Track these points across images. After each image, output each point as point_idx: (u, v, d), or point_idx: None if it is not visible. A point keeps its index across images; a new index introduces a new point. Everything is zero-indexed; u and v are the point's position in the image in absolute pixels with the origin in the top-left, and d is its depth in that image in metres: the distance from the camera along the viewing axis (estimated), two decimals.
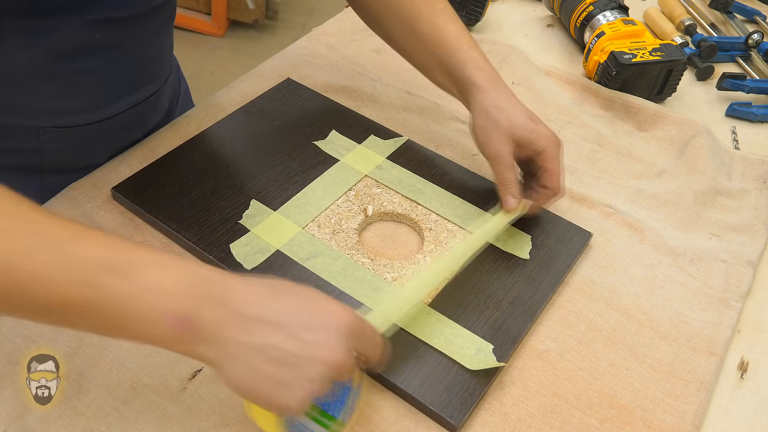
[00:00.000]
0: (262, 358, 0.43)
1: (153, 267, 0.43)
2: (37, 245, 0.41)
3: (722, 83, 0.94)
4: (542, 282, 0.66)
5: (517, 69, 0.95)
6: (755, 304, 0.70)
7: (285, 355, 0.43)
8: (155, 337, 0.42)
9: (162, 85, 0.78)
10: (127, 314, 0.41)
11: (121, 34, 0.65)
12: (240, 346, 0.43)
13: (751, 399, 0.62)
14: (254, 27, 2.56)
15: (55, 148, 0.69)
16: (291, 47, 0.96)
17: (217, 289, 0.44)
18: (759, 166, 0.85)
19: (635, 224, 0.75)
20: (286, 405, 0.43)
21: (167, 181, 0.71)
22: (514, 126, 0.67)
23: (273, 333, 0.43)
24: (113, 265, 0.42)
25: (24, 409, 0.54)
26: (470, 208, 0.72)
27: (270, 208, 0.69)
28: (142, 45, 0.70)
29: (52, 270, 0.41)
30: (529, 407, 0.58)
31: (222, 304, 0.43)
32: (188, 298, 0.42)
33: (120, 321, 0.42)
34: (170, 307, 0.42)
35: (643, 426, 0.58)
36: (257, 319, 0.43)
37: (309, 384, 0.43)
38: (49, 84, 0.64)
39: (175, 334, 0.42)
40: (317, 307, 0.46)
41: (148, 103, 0.76)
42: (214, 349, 0.43)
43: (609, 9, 0.96)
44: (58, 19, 0.59)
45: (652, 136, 0.87)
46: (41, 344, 0.57)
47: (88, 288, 0.41)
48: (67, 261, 0.41)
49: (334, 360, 0.44)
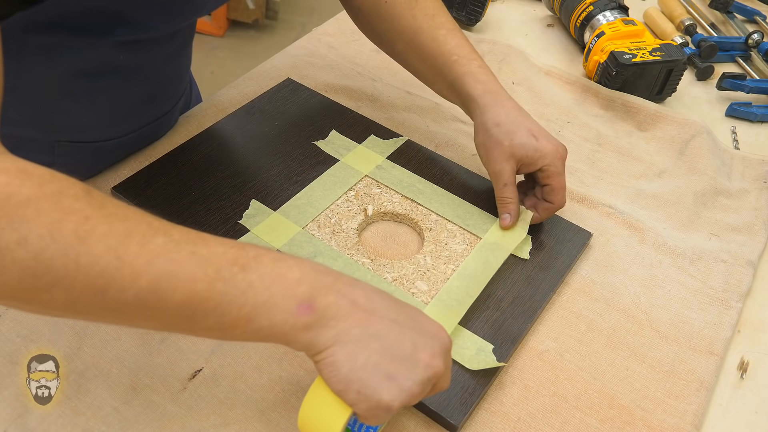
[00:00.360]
0: (374, 347, 0.44)
1: (276, 260, 0.44)
2: (166, 245, 0.41)
3: (722, 83, 0.94)
4: (542, 282, 0.66)
5: (517, 69, 0.95)
6: (755, 304, 0.70)
7: (396, 350, 0.45)
8: (277, 326, 0.43)
9: (177, 101, 0.78)
10: (255, 304, 0.43)
11: (143, 56, 0.65)
12: (356, 330, 0.44)
13: (751, 399, 0.62)
14: (254, 27, 2.56)
15: (67, 162, 0.69)
16: (291, 47, 0.96)
17: (337, 281, 0.46)
18: (759, 166, 0.85)
19: (635, 224, 0.75)
20: (386, 400, 0.44)
21: (167, 181, 0.71)
22: (515, 145, 0.66)
23: (387, 327, 0.45)
24: (242, 261, 0.43)
25: (24, 409, 0.54)
26: (470, 208, 0.72)
27: (270, 208, 0.69)
28: (163, 65, 0.70)
29: (188, 267, 0.41)
30: (529, 407, 0.58)
31: (342, 294, 0.45)
32: (312, 286, 0.44)
33: (247, 312, 0.43)
34: (297, 292, 0.43)
35: (643, 426, 0.58)
36: (374, 312, 0.45)
37: (411, 384, 0.44)
38: (68, 100, 0.64)
39: (298, 319, 0.43)
40: (426, 319, 0.48)
41: (163, 120, 0.76)
42: (330, 334, 0.44)
43: (609, 9, 0.96)
44: (83, 39, 0.59)
45: (652, 136, 0.87)
46: (41, 344, 0.57)
47: (222, 282, 0.42)
48: (200, 258, 0.42)
49: (437, 370, 0.46)
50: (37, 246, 0.38)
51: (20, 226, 0.38)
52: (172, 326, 0.44)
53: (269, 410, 0.56)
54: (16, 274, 0.38)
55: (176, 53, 0.72)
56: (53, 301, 0.40)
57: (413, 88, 0.90)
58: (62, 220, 0.39)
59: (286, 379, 0.58)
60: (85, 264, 0.39)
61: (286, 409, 0.56)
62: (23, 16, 0.54)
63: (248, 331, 0.43)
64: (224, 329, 0.43)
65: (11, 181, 0.39)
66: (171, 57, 0.71)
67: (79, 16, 0.57)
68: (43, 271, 0.38)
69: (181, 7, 0.63)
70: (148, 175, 0.71)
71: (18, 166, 0.40)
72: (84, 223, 0.39)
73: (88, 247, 0.39)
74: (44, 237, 0.38)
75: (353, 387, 0.44)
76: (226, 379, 0.57)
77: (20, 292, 0.39)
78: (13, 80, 0.46)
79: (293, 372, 0.58)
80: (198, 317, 0.42)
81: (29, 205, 0.38)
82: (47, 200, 0.39)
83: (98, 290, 0.40)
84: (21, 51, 0.57)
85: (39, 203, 0.38)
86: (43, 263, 0.38)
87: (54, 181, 0.40)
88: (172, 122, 0.80)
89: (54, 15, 0.55)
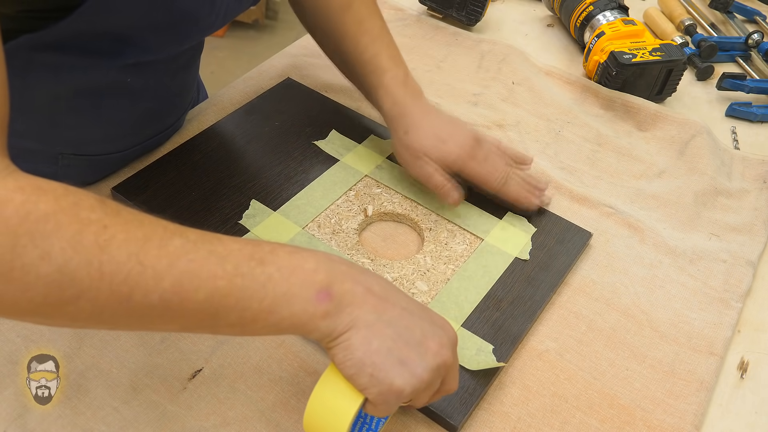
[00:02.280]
0: (388, 332, 0.45)
1: (292, 253, 0.45)
2: (184, 246, 0.42)
3: (722, 83, 0.94)
4: (542, 282, 0.66)
5: (517, 69, 0.95)
6: (755, 304, 0.70)
7: (408, 336, 0.46)
8: (297, 315, 0.44)
9: (184, 112, 0.78)
10: (275, 296, 0.43)
11: (149, 76, 0.65)
12: (370, 316, 0.46)
13: (751, 399, 0.62)
14: (254, 27, 2.56)
15: (70, 173, 0.68)
16: (291, 47, 0.96)
17: (351, 269, 0.47)
18: (759, 166, 0.85)
19: (635, 224, 0.75)
20: (398, 384, 0.45)
21: (167, 181, 0.71)
22: (424, 149, 0.68)
23: (399, 314, 0.47)
24: (259, 256, 0.44)
25: (24, 409, 0.54)
26: (470, 208, 0.72)
27: (270, 208, 0.69)
28: (169, 82, 0.70)
29: (207, 265, 0.42)
30: (529, 407, 0.58)
31: (357, 281, 0.46)
32: (329, 274, 0.45)
33: (268, 305, 0.43)
34: (315, 281, 0.44)
35: (643, 426, 0.58)
36: (388, 299, 0.47)
37: (422, 370, 0.45)
38: (73, 116, 0.64)
39: (317, 307, 0.44)
40: (433, 312, 0.50)
41: (168, 133, 0.76)
42: (347, 320, 0.45)
43: (609, 9, 0.96)
44: (90, 60, 0.59)
45: (652, 136, 0.87)
46: (41, 344, 0.57)
47: (241, 278, 0.43)
48: (218, 256, 0.43)
49: (445, 360, 0.47)
50: (60, 259, 0.38)
51: (42, 241, 0.38)
52: (195, 326, 0.44)
53: (269, 410, 0.56)
54: (42, 289, 0.39)
55: (183, 69, 0.72)
56: (79, 312, 0.40)
57: None
58: (82, 231, 0.39)
59: (286, 379, 0.58)
60: (109, 272, 0.39)
61: (286, 409, 0.56)
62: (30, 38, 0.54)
63: (269, 324, 0.44)
64: (246, 324, 0.44)
65: (28, 198, 0.39)
66: (178, 74, 0.71)
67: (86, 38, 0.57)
68: (68, 283, 0.39)
69: (189, 29, 0.62)
70: (148, 175, 0.71)
71: (32, 183, 0.40)
72: (103, 232, 0.40)
73: (110, 255, 0.40)
74: (66, 249, 0.38)
75: (366, 370, 0.45)
76: (226, 379, 0.57)
77: (46, 307, 0.40)
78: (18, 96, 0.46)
79: (293, 372, 0.58)
80: (221, 314, 0.43)
81: (48, 220, 0.39)
82: (65, 214, 0.39)
83: (123, 297, 0.40)
84: (27, 68, 0.57)
85: (58, 217, 0.39)
86: (68, 275, 0.39)
87: (69, 195, 0.40)
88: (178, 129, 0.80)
89: (62, 37, 0.56)
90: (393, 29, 1.02)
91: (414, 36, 1.01)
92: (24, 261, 0.38)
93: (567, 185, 0.78)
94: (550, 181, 0.77)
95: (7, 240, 0.38)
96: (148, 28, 0.58)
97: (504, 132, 0.85)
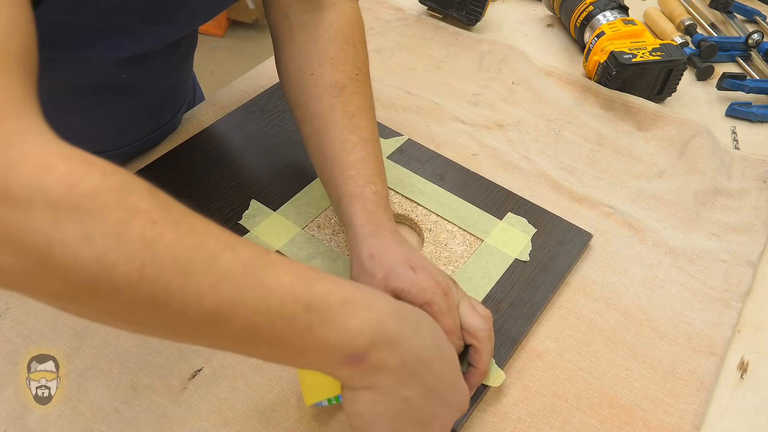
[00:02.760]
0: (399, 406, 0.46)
1: (344, 304, 0.42)
2: (233, 267, 0.39)
3: (722, 83, 0.94)
4: (542, 284, 0.66)
5: (517, 69, 0.95)
6: (755, 304, 0.70)
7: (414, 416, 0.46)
8: (321, 365, 0.43)
9: (179, 108, 0.78)
10: (307, 346, 0.41)
11: (144, 71, 0.64)
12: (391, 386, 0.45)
13: (751, 399, 0.62)
14: (254, 27, 2.56)
15: None
16: None
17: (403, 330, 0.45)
18: (759, 166, 0.85)
19: (635, 224, 0.75)
20: None
21: (167, 181, 0.71)
22: (389, 277, 0.54)
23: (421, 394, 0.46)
24: (308, 299, 0.41)
25: (24, 409, 0.54)
26: (470, 209, 0.72)
27: (270, 208, 0.69)
28: (164, 77, 0.70)
29: (252, 296, 0.39)
30: (529, 407, 0.58)
31: (396, 350, 0.44)
32: (372, 339, 0.43)
33: (298, 350, 0.42)
34: (353, 345, 0.42)
35: (643, 426, 0.58)
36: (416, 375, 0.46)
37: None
38: (68, 113, 0.63)
39: (344, 366, 0.43)
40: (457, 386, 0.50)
41: (165, 129, 0.76)
42: (366, 383, 0.45)
43: (609, 9, 0.96)
44: (83, 54, 0.57)
45: (652, 136, 0.87)
46: (41, 344, 0.57)
47: (281, 320, 0.40)
48: (266, 290, 0.39)
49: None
50: (101, 246, 0.34)
51: (85, 219, 0.34)
52: (219, 346, 0.42)
53: (269, 410, 0.56)
54: (75, 273, 0.34)
55: (178, 65, 0.71)
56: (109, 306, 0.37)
57: (413, 88, 0.90)
58: (128, 220, 0.35)
59: (286, 378, 0.58)
60: (150, 276, 0.35)
61: (286, 409, 0.56)
62: None
63: (293, 362, 0.44)
64: (270, 357, 0.43)
65: (74, 168, 0.35)
66: (173, 69, 0.70)
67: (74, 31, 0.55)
68: (104, 275, 0.35)
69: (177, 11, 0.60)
70: (148, 175, 0.71)
71: (77, 153, 0.36)
72: (151, 227, 0.36)
73: (155, 256, 0.35)
74: (109, 238, 0.34)
75: (360, 424, 0.46)
76: (226, 378, 0.57)
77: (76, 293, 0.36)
78: None
79: (293, 372, 0.58)
80: (249, 344, 0.41)
81: (95, 197, 0.34)
82: (112, 194, 0.35)
83: (157, 305, 0.36)
84: None
85: (105, 197, 0.35)
86: (105, 267, 0.34)
87: (117, 174, 0.37)
88: (175, 128, 0.80)
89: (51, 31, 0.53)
90: (393, 29, 1.02)
91: (414, 36, 1.01)
92: (64, 237, 0.34)
93: (567, 185, 0.78)
94: (550, 181, 0.77)
95: (47, 212, 0.33)
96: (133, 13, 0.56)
97: (504, 132, 0.85)
